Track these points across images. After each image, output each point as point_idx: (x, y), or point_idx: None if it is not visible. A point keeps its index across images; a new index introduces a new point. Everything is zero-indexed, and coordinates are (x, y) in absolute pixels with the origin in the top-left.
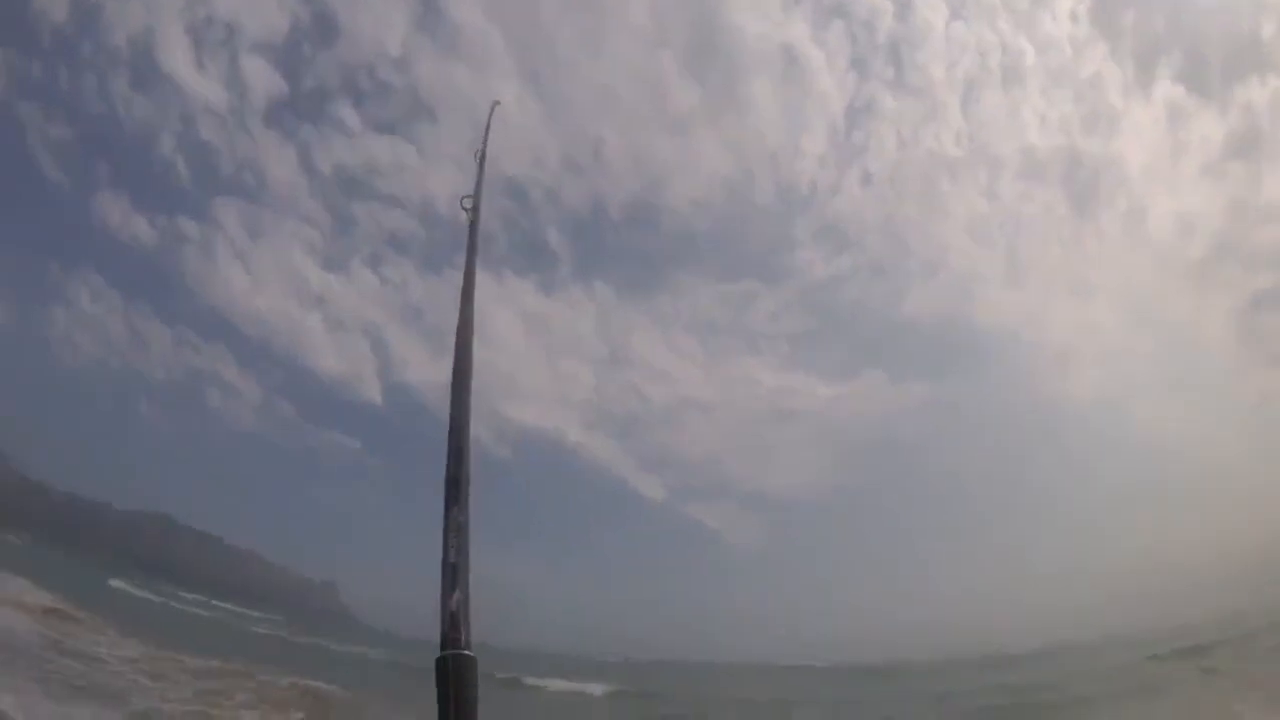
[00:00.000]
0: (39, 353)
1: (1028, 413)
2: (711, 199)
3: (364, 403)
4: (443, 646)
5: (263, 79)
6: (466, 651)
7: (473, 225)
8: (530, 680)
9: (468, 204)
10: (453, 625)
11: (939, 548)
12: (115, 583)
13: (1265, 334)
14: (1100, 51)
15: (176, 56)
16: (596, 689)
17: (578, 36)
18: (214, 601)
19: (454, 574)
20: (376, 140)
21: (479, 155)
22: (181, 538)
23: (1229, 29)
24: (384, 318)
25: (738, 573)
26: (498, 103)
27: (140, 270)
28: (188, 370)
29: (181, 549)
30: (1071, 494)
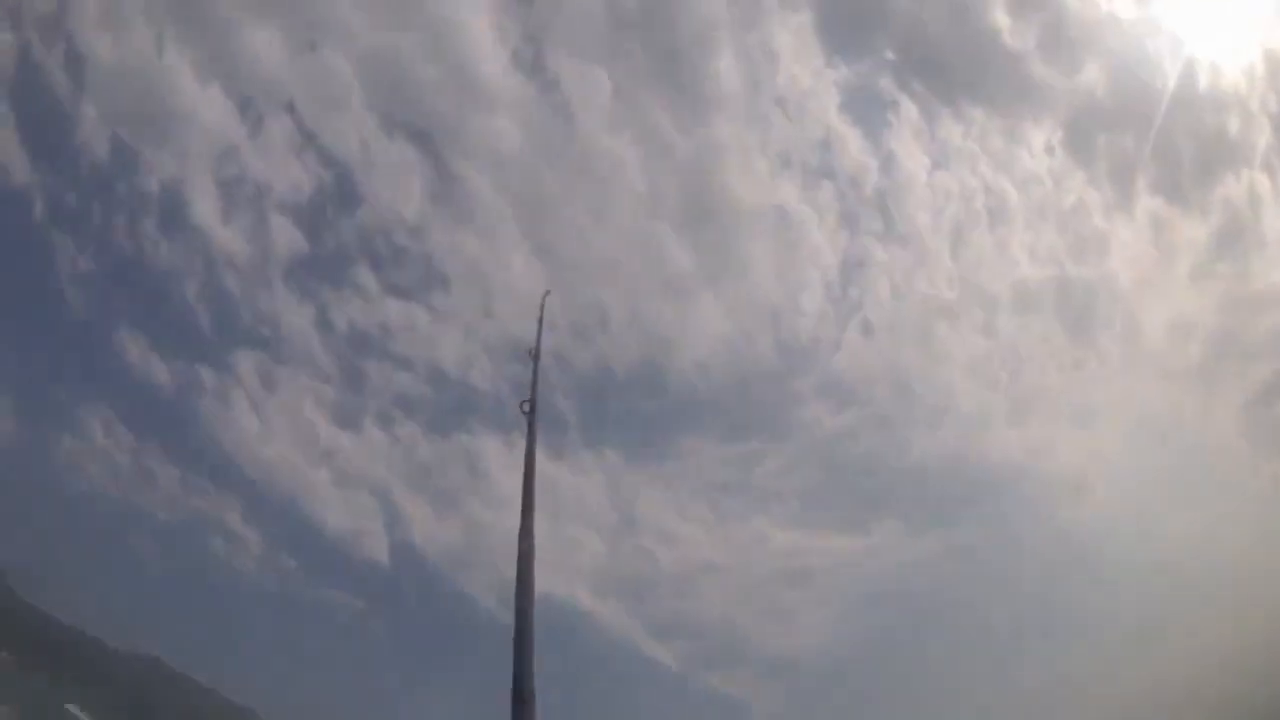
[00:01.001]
0: (45, 477)
1: (1045, 546)
2: (714, 361)
3: (369, 561)
4: None
5: (285, 236)
6: None
7: (530, 428)
8: None
9: (525, 407)
10: None
11: (969, 697)
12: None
13: (1273, 424)
14: (1078, 179)
15: (205, 207)
16: None
17: (581, 206)
18: None
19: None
20: (390, 303)
21: (533, 353)
22: (171, 683)
23: (1196, 132)
24: (392, 477)
25: None
26: (548, 292)
27: (153, 410)
28: (192, 513)
29: (170, 695)
30: (1104, 619)
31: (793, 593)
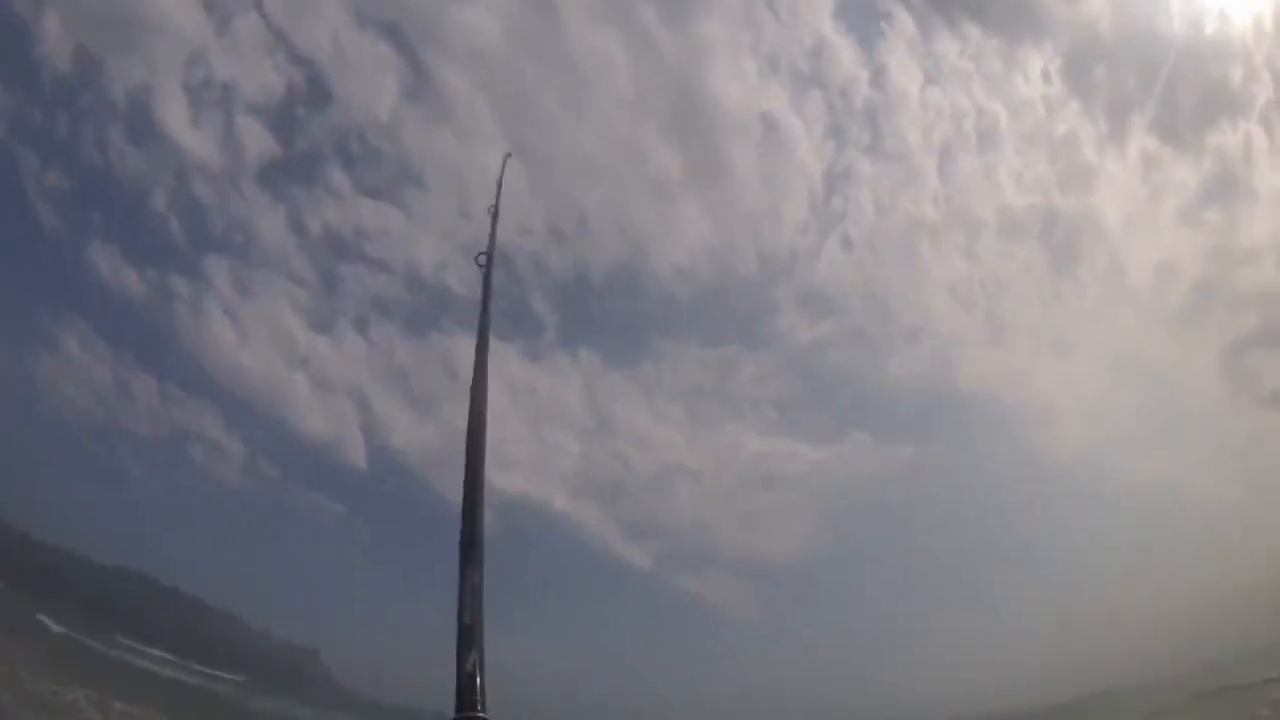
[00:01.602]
0: (25, 397)
1: (1015, 470)
2: (694, 266)
3: (348, 466)
4: (458, 709)
5: (256, 139)
6: (481, 714)
7: (486, 281)
8: None
9: (482, 260)
10: (468, 688)
11: (930, 609)
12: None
13: (1250, 375)
14: (1073, 110)
15: (173, 113)
16: None
17: (563, 105)
18: (194, 665)
19: (469, 636)
20: (365, 204)
21: (491, 210)
22: (159, 597)
23: (1198, 77)
24: (369, 380)
25: (727, 640)
26: (509, 155)
27: (128, 322)
28: (172, 425)
29: (159, 608)
30: (1062, 548)
31: (764, 497)
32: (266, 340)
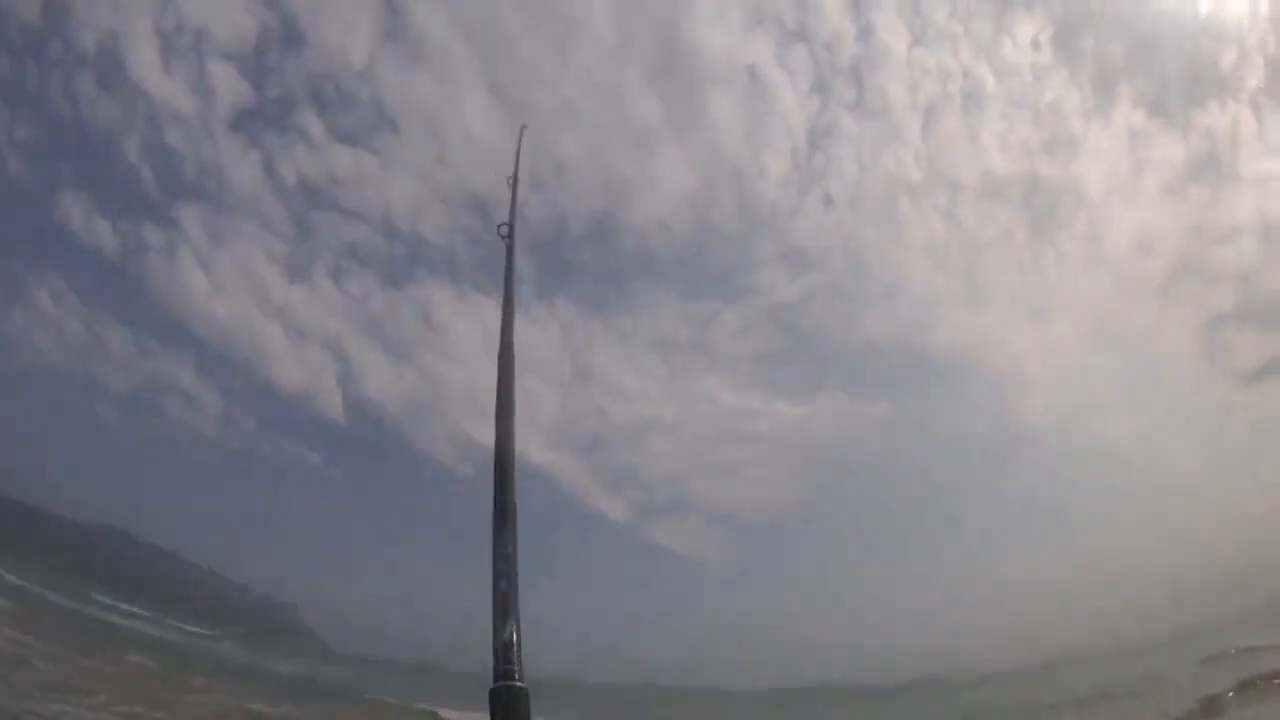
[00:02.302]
0: None
1: (988, 432)
2: (674, 217)
3: (325, 416)
4: (495, 678)
5: (229, 85)
6: (519, 683)
7: (509, 251)
8: None
9: (504, 230)
10: (505, 657)
11: (899, 566)
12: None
13: (1225, 351)
14: (1061, 77)
15: (143, 60)
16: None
17: (542, 49)
18: (169, 620)
19: (505, 604)
20: (340, 150)
21: (510, 181)
22: (135, 551)
23: (1190, 56)
24: (345, 330)
25: (702, 592)
26: (525, 126)
27: (101, 273)
28: (147, 377)
29: (139, 564)
30: (1032, 512)
31: (739, 451)
32: (241, 290)
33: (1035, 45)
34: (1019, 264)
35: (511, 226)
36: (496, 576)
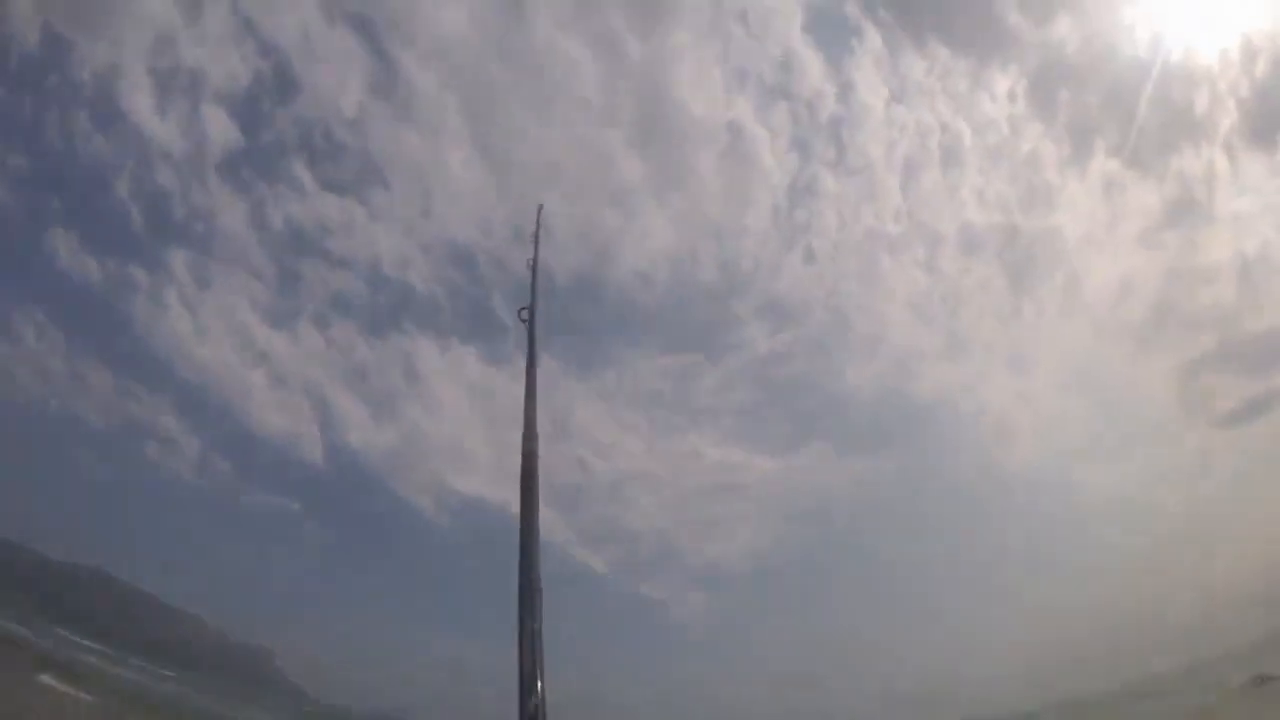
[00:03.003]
0: None
1: (969, 482)
2: (655, 273)
3: (304, 463)
4: None
5: (221, 129)
6: None
7: (530, 335)
8: None
9: (524, 314)
10: None
11: (881, 617)
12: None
13: (1204, 394)
14: (1037, 130)
15: (138, 99)
16: None
17: (529, 107)
18: (151, 667)
19: (531, 680)
20: (328, 200)
21: (530, 264)
22: (116, 594)
23: (1162, 103)
24: (327, 378)
25: (683, 645)
26: (541, 206)
27: (85, 311)
28: (127, 419)
29: (109, 603)
30: (1014, 559)
31: (721, 505)
32: (225, 335)
33: (1011, 98)
34: (999, 314)
35: (532, 310)
36: (521, 654)
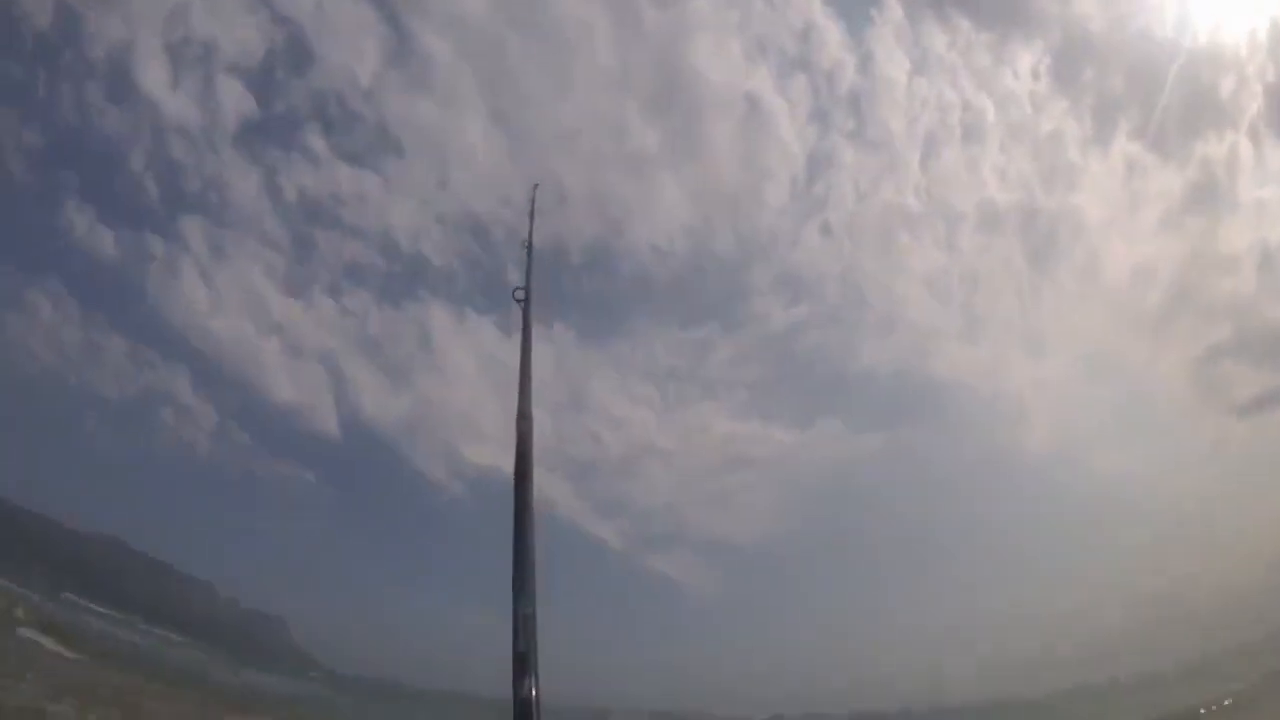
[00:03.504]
0: None
1: (984, 463)
2: (671, 244)
3: (320, 433)
4: None
5: (235, 100)
6: None
7: (526, 316)
8: None
9: (519, 294)
10: (524, 712)
11: (894, 597)
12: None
13: (1221, 383)
14: (1060, 108)
15: (152, 72)
16: None
17: (544, 75)
18: (166, 633)
19: (524, 664)
20: (343, 169)
21: (525, 244)
22: (132, 562)
23: (1188, 86)
24: (342, 348)
25: (697, 618)
26: (537, 185)
27: (101, 282)
28: (143, 388)
29: (131, 574)
30: (1028, 543)
31: (734, 480)
32: (239, 304)
33: (1035, 75)
34: (1017, 295)
35: (528, 291)
36: (516, 638)
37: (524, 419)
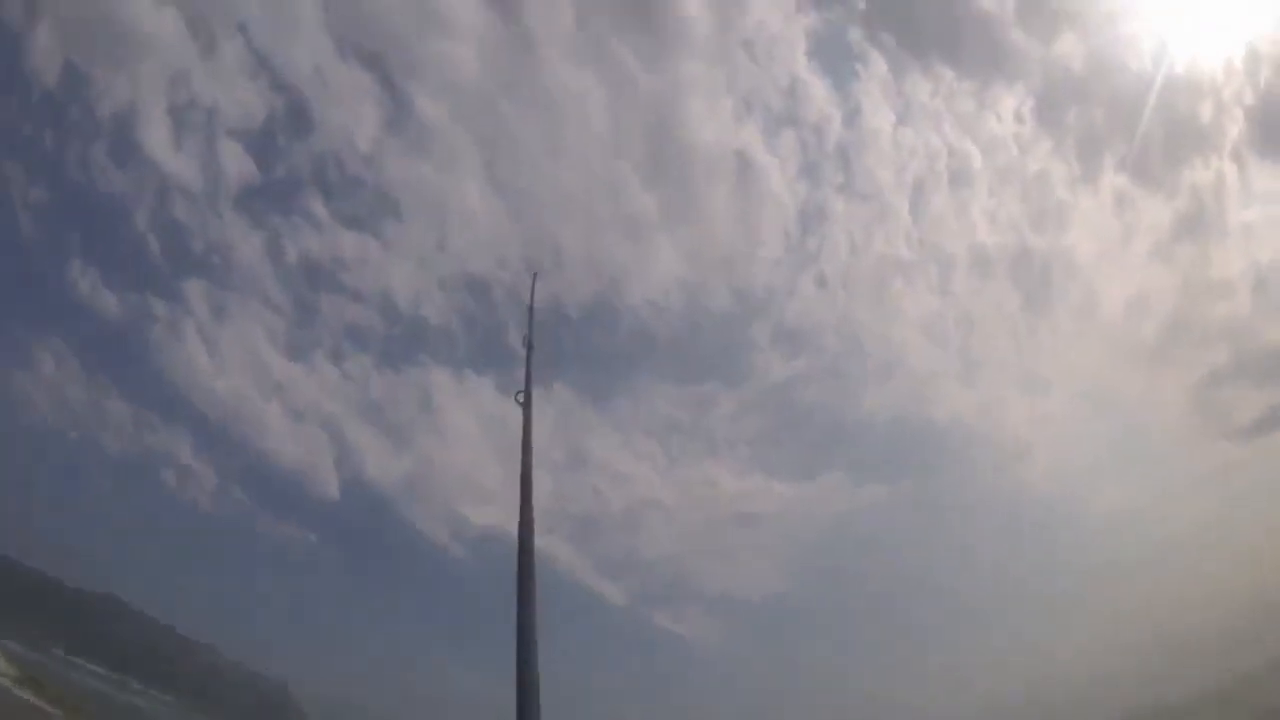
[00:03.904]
0: None
1: (987, 504)
2: (669, 302)
3: (321, 495)
4: None
5: (236, 164)
6: None
7: (526, 420)
8: None
9: (520, 398)
10: None
11: (904, 644)
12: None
13: (1219, 408)
14: (1045, 148)
15: (156, 134)
16: None
17: (540, 140)
18: (160, 694)
19: (528, 696)
20: (343, 233)
21: (525, 341)
22: (127, 621)
23: (1168, 114)
24: (343, 410)
25: (701, 675)
26: (536, 274)
27: (104, 342)
28: (144, 448)
29: (126, 632)
30: (1034, 581)
31: (738, 535)
32: (241, 367)
33: (1018, 118)
34: (1013, 335)
35: (528, 394)
36: (520, 674)
37: (526, 514)
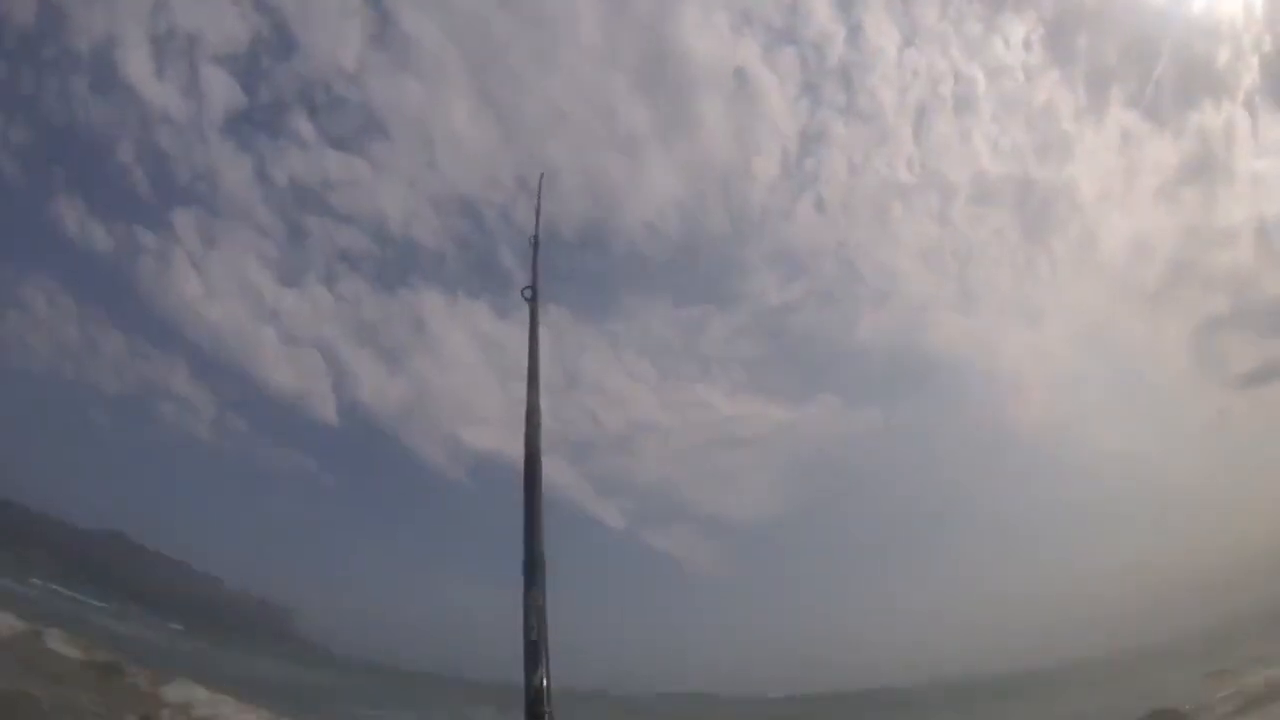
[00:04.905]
0: None
1: (981, 437)
2: (665, 222)
3: (318, 421)
4: None
5: (221, 89)
6: None
7: (533, 314)
8: None
9: (528, 293)
10: (536, 700)
11: (893, 571)
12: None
13: (1219, 356)
14: (1053, 78)
15: (137, 64)
16: None
17: (531, 55)
18: (168, 624)
19: (536, 652)
20: (332, 155)
21: (532, 240)
22: (135, 557)
23: (1183, 55)
24: (338, 335)
25: (695, 598)
26: (543, 175)
27: (95, 276)
28: (140, 381)
29: (135, 570)
30: (1026, 517)
31: (732, 457)
32: (234, 294)
33: (1027, 45)
34: (1012, 268)
35: (535, 289)
36: (527, 627)
37: (533, 415)
